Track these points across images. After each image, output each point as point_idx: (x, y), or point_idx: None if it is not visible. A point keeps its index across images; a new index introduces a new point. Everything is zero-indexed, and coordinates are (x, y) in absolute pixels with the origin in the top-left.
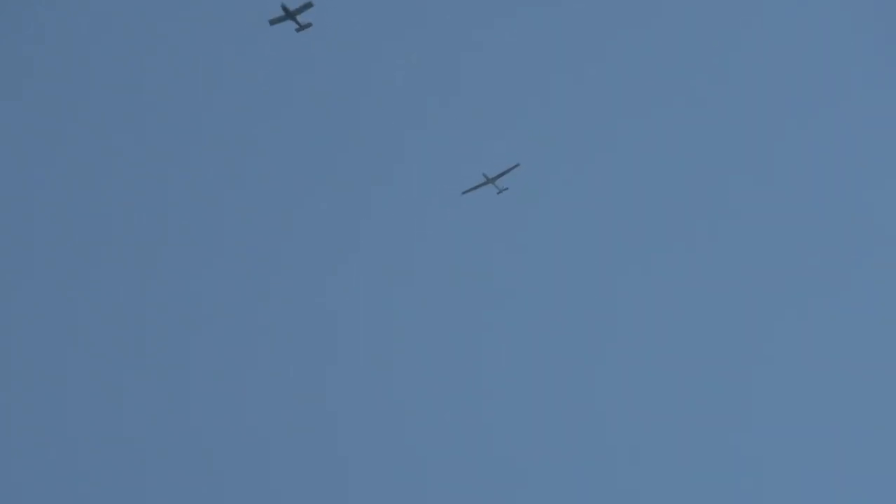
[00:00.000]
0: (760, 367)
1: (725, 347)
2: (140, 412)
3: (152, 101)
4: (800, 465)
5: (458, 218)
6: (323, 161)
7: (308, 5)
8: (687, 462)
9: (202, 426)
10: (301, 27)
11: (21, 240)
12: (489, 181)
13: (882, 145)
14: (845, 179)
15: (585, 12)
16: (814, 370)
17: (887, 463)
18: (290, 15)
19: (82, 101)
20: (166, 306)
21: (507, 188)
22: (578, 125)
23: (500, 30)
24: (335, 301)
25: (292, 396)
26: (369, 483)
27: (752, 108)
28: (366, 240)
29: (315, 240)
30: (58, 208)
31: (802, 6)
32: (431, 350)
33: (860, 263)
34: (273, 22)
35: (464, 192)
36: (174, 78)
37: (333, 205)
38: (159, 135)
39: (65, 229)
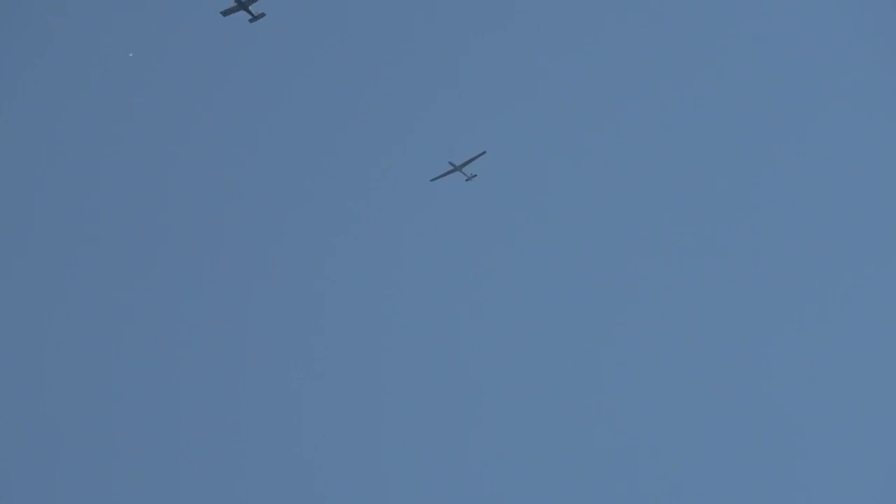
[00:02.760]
0: (757, 369)
1: (722, 348)
2: (130, 409)
3: (147, 100)
4: (799, 465)
5: (449, 213)
6: (312, 159)
7: None
8: (685, 463)
9: (192, 423)
10: (254, 17)
11: (19, 239)
12: (456, 169)
13: (883, 145)
14: (845, 179)
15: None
16: (810, 369)
17: (887, 464)
18: (241, 5)
19: (80, 101)
20: (156, 303)
21: (475, 175)
22: (575, 121)
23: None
24: (324, 298)
25: (281, 394)
26: (355, 481)
27: (748, 109)
28: (354, 237)
29: (304, 238)
30: (54, 208)
31: (802, 5)
32: (420, 347)
33: (860, 263)
34: (225, 13)
35: (432, 180)
36: (167, 75)
37: (321, 202)
38: (152, 130)
39: (59, 228)
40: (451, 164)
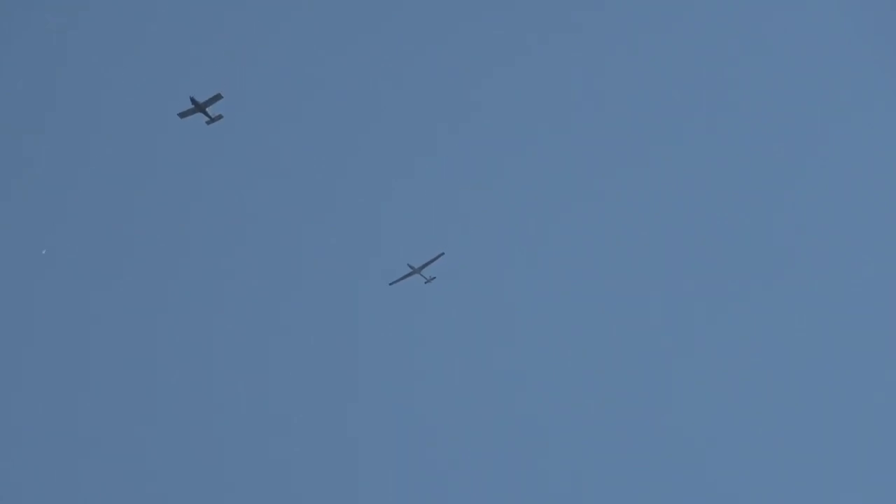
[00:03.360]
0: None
1: (715, 351)
2: (155, 415)
3: (159, 105)
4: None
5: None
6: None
7: (217, 97)
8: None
9: (191, 425)
10: (211, 120)
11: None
12: (415, 271)
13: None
14: (852, 185)
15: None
16: (802, 367)
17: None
18: (199, 108)
19: (92, 103)
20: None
21: (434, 277)
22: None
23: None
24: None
25: (307, 404)
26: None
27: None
28: (381, 243)
29: (328, 246)
30: (52, 209)
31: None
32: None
33: (865, 265)
34: (183, 115)
35: (391, 283)
36: (165, 82)
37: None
38: (150, 134)
39: (59, 229)
40: (409, 266)
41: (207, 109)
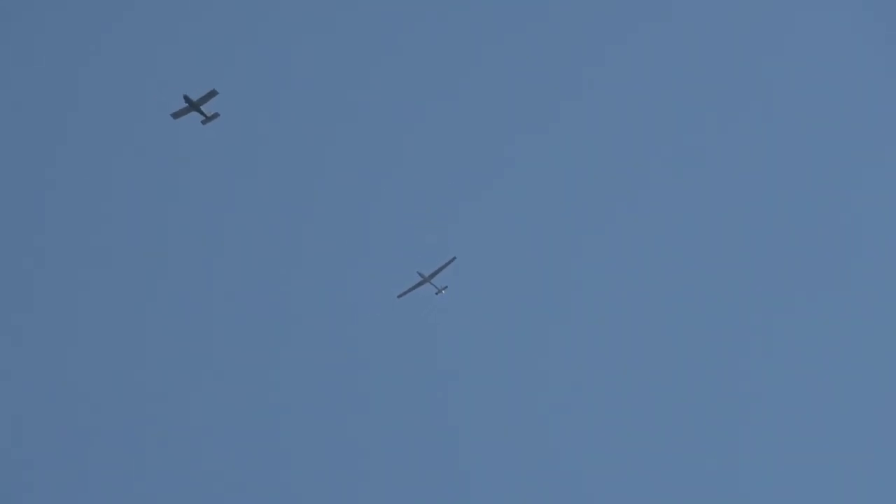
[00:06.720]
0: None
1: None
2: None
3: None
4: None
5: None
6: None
7: (212, 94)
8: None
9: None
10: (207, 119)
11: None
12: (425, 280)
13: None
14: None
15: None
16: (796, 367)
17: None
18: (193, 106)
19: (87, 102)
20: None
21: (446, 287)
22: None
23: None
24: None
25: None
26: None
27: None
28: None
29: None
30: (72, 213)
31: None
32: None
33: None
34: (176, 115)
35: (399, 296)
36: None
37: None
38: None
39: (56, 231)
40: (419, 274)
41: (202, 107)
